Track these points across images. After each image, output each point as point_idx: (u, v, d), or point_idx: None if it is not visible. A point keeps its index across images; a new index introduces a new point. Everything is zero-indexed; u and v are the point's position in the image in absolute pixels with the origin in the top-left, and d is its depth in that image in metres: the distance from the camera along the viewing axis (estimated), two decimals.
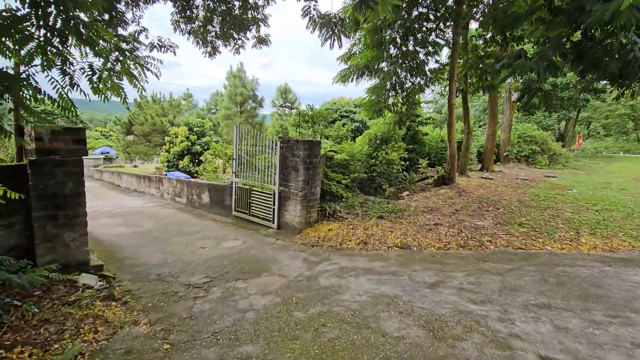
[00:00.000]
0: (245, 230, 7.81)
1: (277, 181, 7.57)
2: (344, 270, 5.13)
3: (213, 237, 7.19)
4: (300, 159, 7.15)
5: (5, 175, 4.05)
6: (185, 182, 11.25)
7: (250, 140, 8.30)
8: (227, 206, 9.22)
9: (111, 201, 12.41)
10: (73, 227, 4.46)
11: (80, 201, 4.49)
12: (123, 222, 8.73)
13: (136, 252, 6.14)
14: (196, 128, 16.38)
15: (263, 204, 8.01)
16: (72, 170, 4.41)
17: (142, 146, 23.11)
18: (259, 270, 5.20)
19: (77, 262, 4.54)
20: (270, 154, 7.80)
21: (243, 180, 8.51)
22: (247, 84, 19.78)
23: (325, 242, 6.56)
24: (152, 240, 6.98)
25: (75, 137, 4.47)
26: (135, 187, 15.23)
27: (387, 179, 11.83)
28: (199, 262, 5.58)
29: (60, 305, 3.48)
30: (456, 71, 10.57)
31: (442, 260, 5.45)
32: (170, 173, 14.24)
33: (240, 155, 8.60)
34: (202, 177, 13.10)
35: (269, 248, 6.39)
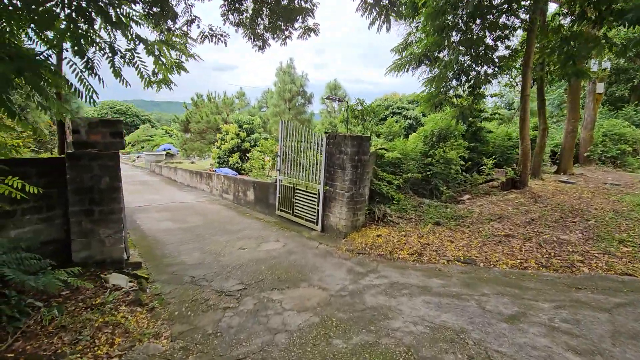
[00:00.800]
0: (287, 231, 7.36)
1: (322, 180, 6.98)
2: (394, 286, 4.37)
3: (254, 238, 6.83)
4: (347, 156, 6.48)
5: (44, 168, 3.97)
6: (232, 179, 11.20)
7: (296, 136, 7.82)
8: (271, 205, 8.88)
9: (165, 195, 12.87)
10: (108, 223, 4.29)
11: (116, 196, 4.30)
12: (171, 216, 8.81)
13: (176, 250, 5.97)
14: (246, 125, 16.52)
15: (307, 204, 7.49)
16: (108, 164, 4.24)
17: (197, 143, 24.21)
18: (297, 280, 4.65)
19: (112, 259, 4.38)
20: (316, 150, 7.24)
21: (287, 179, 8.08)
22: (297, 80, 19.52)
23: (374, 250, 5.83)
24: (194, 237, 6.82)
25: (113, 130, 4.30)
26: (189, 182, 15.77)
27: (445, 180, 10.66)
28: (235, 265, 5.20)
29: (83, 309, 3.24)
30: (532, 57, 9.07)
31: (519, 282, 4.42)
32: (219, 169, 14.45)
33: (286, 152, 8.17)
34: (250, 174, 13.05)
35: (311, 253, 5.83)
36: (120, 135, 4.37)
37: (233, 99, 26.44)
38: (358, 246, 6.07)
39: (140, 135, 45.73)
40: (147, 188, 15.20)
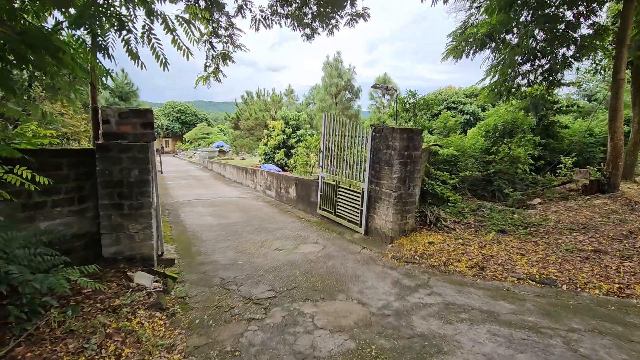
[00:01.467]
0: (328, 232, 6.82)
1: (367, 178, 6.32)
2: (451, 308, 3.60)
3: (292, 238, 6.40)
4: (395, 151, 5.75)
5: (76, 159, 3.87)
6: (274, 175, 10.96)
7: (339, 130, 7.24)
8: (312, 203, 8.42)
9: (212, 190, 13.09)
10: (137, 218, 4.10)
11: (145, 190, 4.10)
12: (213, 212, 8.77)
13: (211, 248, 5.75)
14: (292, 121, 16.33)
15: (350, 203, 6.88)
16: (138, 156, 4.04)
17: (246, 140, 24.78)
18: (334, 290, 4.09)
19: (142, 256, 4.19)
20: (361, 145, 6.60)
21: (330, 176, 7.54)
22: (344, 73, 18.82)
23: (424, 259, 5.05)
24: (232, 234, 6.59)
25: (143, 121, 4.09)
26: (235, 178, 15.99)
27: (510, 181, 9.35)
28: (268, 268, 4.79)
29: (99, 311, 3.00)
30: (629, 33, 7.46)
31: (622, 317, 3.39)
32: (264, 165, 14.39)
33: (329, 147, 7.63)
34: (294, 170, 12.76)
35: (352, 259, 5.22)
36: (150, 126, 4.15)
37: (281, 96, 26.63)
38: (406, 254, 5.33)
39: (197, 133, 48.45)
40: (198, 183, 15.70)
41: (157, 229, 4.95)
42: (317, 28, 8.75)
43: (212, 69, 7.66)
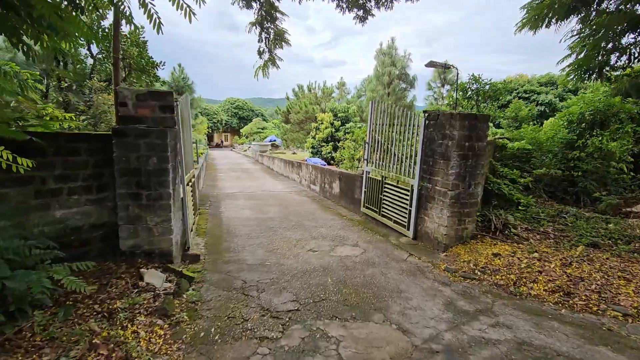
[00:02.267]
0: (370, 233, 6.06)
1: (418, 173, 5.42)
2: (525, 350, 2.67)
3: (329, 238, 5.76)
4: (453, 142, 4.78)
5: (95, 145, 3.64)
6: (319, 169, 10.40)
7: (387, 118, 6.39)
8: (356, 200, 7.69)
9: (258, 183, 12.98)
10: (156, 209, 3.78)
11: (164, 180, 3.75)
12: (253, 205, 8.48)
13: (242, 244, 5.34)
14: (340, 114, 15.62)
15: (397, 202, 6.02)
16: (156, 142, 3.69)
17: (296, 134, 24.67)
18: (369, 307, 3.37)
19: (161, 251, 3.87)
20: (411, 135, 5.70)
21: (376, 170, 6.73)
22: (397, 61, 17.38)
23: (487, 276, 4.08)
24: (266, 230, 6.15)
25: (163, 103, 3.74)
26: (282, 171, 15.81)
27: (601, 182, 7.67)
28: (297, 273, 4.21)
29: (93, 315, 2.65)
30: None
31: None
32: (310, 159, 13.93)
33: (375, 139, 6.82)
34: (340, 165, 12.10)
35: (396, 268, 4.43)
36: (170, 109, 3.78)
37: (332, 89, 26.03)
38: (463, 266, 4.38)
39: (252, 128, 50.13)
40: (246, 175, 15.82)
41: (184, 222, 4.65)
42: (371, 9, 7.91)
43: (267, 56, 7.31)
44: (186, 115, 5.49)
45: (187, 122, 5.55)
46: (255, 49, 6.88)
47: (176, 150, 4.23)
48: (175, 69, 17.68)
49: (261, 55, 6.72)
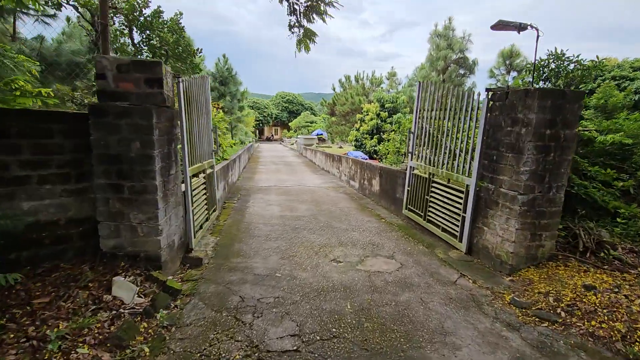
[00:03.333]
0: (411, 242, 4.97)
1: (476, 170, 4.21)
2: None
3: (361, 245, 4.80)
4: (529, 128, 3.52)
5: (70, 126, 3.09)
6: (358, 164, 9.38)
7: (439, 101, 5.19)
8: (397, 200, 6.58)
9: (296, 177, 12.32)
10: (140, 205, 3.14)
11: (149, 170, 3.09)
12: (284, 201, 7.77)
13: (257, 247, 4.61)
14: (388, 104, 14.28)
15: (447, 205, 4.85)
16: (140, 123, 3.04)
17: (341, 126, 23.63)
18: (397, 358, 2.38)
19: (146, 255, 3.24)
20: (468, 121, 4.47)
21: (422, 165, 5.58)
22: (455, 43, 15.27)
23: (577, 319, 2.83)
24: (289, 231, 5.36)
25: (149, 76, 3.07)
26: (324, 165, 15.01)
27: None
28: (309, 292, 3.34)
29: (17, 344, 2.03)
30: None
31: None
32: (351, 152, 12.92)
33: (422, 127, 5.66)
34: (384, 159, 10.93)
35: (441, 295, 3.35)
36: (158, 83, 3.10)
37: (382, 79, 24.42)
38: (539, 299, 3.16)
39: (300, 122, 50.11)
40: (286, 168, 15.29)
41: (186, 220, 4.02)
42: None
43: (300, 32, 6.57)
44: (201, 99, 4.86)
45: (202, 106, 4.93)
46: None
47: (173, 136, 3.57)
48: (219, 59, 17.71)
49: (292, 29, 5.91)
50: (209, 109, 5.41)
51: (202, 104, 4.92)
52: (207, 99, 5.29)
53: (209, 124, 5.41)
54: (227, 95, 16.86)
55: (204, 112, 5.08)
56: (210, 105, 5.51)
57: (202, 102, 4.96)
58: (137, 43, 10.07)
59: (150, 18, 9.45)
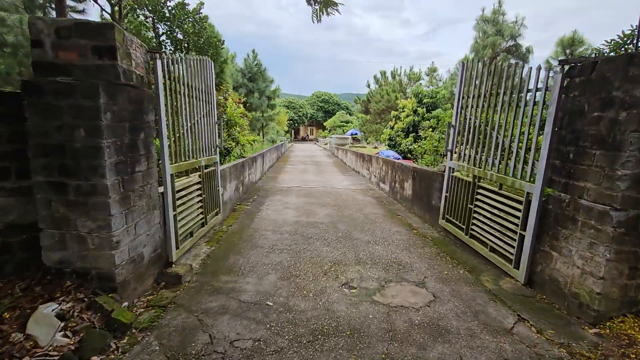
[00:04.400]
0: (449, 263, 3.90)
1: (542, 173, 3.09)
2: None
3: (383, 264, 3.84)
4: (633, 113, 2.37)
5: (6, 109, 2.46)
6: (389, 164, 8.32)
7: (487, 85, 4.08)
8: (433, 207, 5.49)
9: (322, 178, 11.48)
10: (89, 210, 2.46)
11: (97, 165, 2.40)
12: (302, 204, 6.95)
13: (254, 262, 3.82)
14: (426, 99, 12.93)
15: (497, 218, 3.73)
16: (83, 105, 2.35)
17: (376, 125, 22.36)
18: None
19: (98, 273, 2.56)
20: (526, 108, 3.34)
21: (464, 166, 4.48)
22: (505, 29, 13.24)
23: None
24: (299, 242, 4.53)
25: (98, 43, 2.37)
26: (354, 166, 14.03)
27: None
28: (303, 333, 2.47)
29: None
30: None
31: None
32: (382, 152, 11.81)
33: (466, 119, 4.56)
34: (420, 160, 9.74)
35: (490, 353, 2.32)
36: (111, 53, 2.39)
37: (420, 74, 22.75)
38: None
39: (335, 121, 49.19)
40: (314, 168, 14.50)
41: (167, 228, 3.32)
42: None
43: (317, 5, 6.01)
44: (198, 84, 4.18)
45: (199, 93, 4.25)
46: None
47: (142, 123, 2.87)
48: (248, 55, 17.30)
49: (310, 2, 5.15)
50: (211, 98, 4.72)
51: (199, 91, 4.23)
52: (208, 85, 4.60)
53: (211, 115, 4.73)
54: (256, 92, 16.42)
55: (203, 100, 4.40)
56: (213, 94, 4.83)
57: (200, 89, 4.27)
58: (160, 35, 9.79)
59: (174, 10, 9.10)
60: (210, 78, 4.72)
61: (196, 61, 4.16)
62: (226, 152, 7.59)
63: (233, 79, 16.10)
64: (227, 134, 7.93)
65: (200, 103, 4.27)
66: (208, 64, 4.61)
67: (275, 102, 20.91)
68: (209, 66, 4.63)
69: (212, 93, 4.78)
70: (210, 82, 4.71)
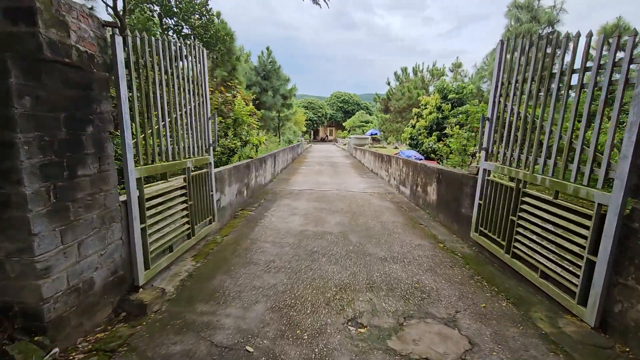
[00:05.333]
0: (487, 291, 3.08)
1: (624, 176, 2.23)
2: None
3: (401, 291, 3.08)
4: None
5: None
6: (410, 165, 7.47)
7: (535, 67, 3.23)
8: (463, 216, 4.65)
9: (337, 180, 10.73)
10: (5, 227, 1.85)
11: (13, 167, 1.79)
12: (312, 210, 6.25)
13: (242, 284, 3.15)
14: (451, 95, 11.90)
15: (552, 235, 2.87)
16: None
17: (396, 124, 21.30)
18: None
19: (22, 308, 1.95)
20: (604, 93, 2.49)
21: (504, 169, 3.63)
22: (542, 15, 11.84)
23: None
24: (301, 258, 3.83)
25: (10, 3, 1.76)
26: (372, 167, 13.19)
27: None
28: None
29: None
30: None
31: None
32: (403, 152, 10.92)
33: (506, 110, 3.71)
34: (445, 161, 8.81)
35: None
36: (29, 17, 1.77)
37: (443, 70, 21.47)
38: None
39: (355, 121, 48.25)
40: (330, 170, 13.77)
41: (131, 243, 2.71)
42: None
43: None
44: (183, 73, 3.57)
45: (185, 83, 3.64)
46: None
47: (91, 113, 2.25)
48: (263, 52, 16.77)
49: None
50: (201, 90, 4.11)
51: (185, 80, 3.62)
52: (197, 75, 3.98)
53: (202, 108, 4.11)
54: (270, 90, 15.87)
55: (190, 91, 3.78)
56: (206, 85, 4.21)
57: (185, 78, 3.65)
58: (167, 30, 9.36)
59: (181, 4, 8.65)
60: (202, 67, 4.11)
61: (180, 45, 3.54)
62: (230, 152, 7.01)
63: (247, 78, 15.63)
64: (233, 132, 7.36)
65: (185, 95, 3.66)
66: (198, 50, 3.99)
67: (291, 102, 20.35)
68: (199, 53, 4.01)
69: (203, 84, 4.16)
70: (201, 72, 4.10)
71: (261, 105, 16.10)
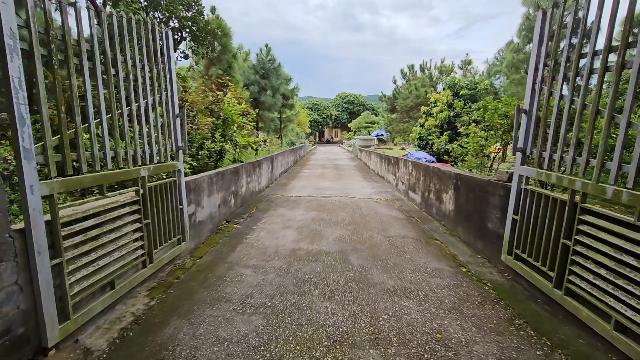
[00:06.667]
0: (535, 345, 2.21)
1: None
2: None
3: (417, 344, 2.24)
4: None
5: None
6: (421, 168, 6.61)
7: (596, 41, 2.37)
8: (489, 232, 3.79)
9: (340, 184, 9.90)
10: None
11: None
12: (310, 221, 5.44)
13: (203, 339, 2.34)
14: (464, 91, 10.99)
15: (633, 273, 2.00)
16: None
17: (403, 124, 20.34)
18: None
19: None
20: None
21: (547, 175, 2.77)
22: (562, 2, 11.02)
23: None
24: (287, 291, 3.02)
25: None
26: (378, 170, 12.33)
27: None
28: None
29: None
30: None
31: None
32: (411, 153, 10.04)
33: (552, 97, 2.86)
34: (460, 164, 7.92)
35: None
36: None
37: (452, 67, 20.46)
38: None
39: (360, 122, 47.34)
40: (333, 174, 12.94)
41: (36, 291, 1.92)
42: None
43: None
44: (133, 57, 2.79)
45: (141, 71, 2.85)
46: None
47: None
48: (261, 50, 15.97)
49: None
50: (164, 82, 3.32)
51: (137, 68, 2.83)
52: (159, 63, 3.20)
53: (168, 105, 3.33)
54: (269, 90, 15.09)
55: (148, 83, 3.00)
56: (172, 77, 3.43)
57: (139, 65, 2.87)
58: None
59: None
60: (166, 54, 3.33)
61: (128, 22, 2.76)
62: (217, 156, 6.24)
63: (245, 76, 14.89)
64: (220, 134, 6.59)
65: (140, 86, 2.87)
66: (156, 31, 3.20)
67: (293, 102, 19.58)
68: (157, 35, 3.23)
69: (169, 76, 3.38)
70: (165, 60, 3.32)
71: (260, 105, 15.33)
